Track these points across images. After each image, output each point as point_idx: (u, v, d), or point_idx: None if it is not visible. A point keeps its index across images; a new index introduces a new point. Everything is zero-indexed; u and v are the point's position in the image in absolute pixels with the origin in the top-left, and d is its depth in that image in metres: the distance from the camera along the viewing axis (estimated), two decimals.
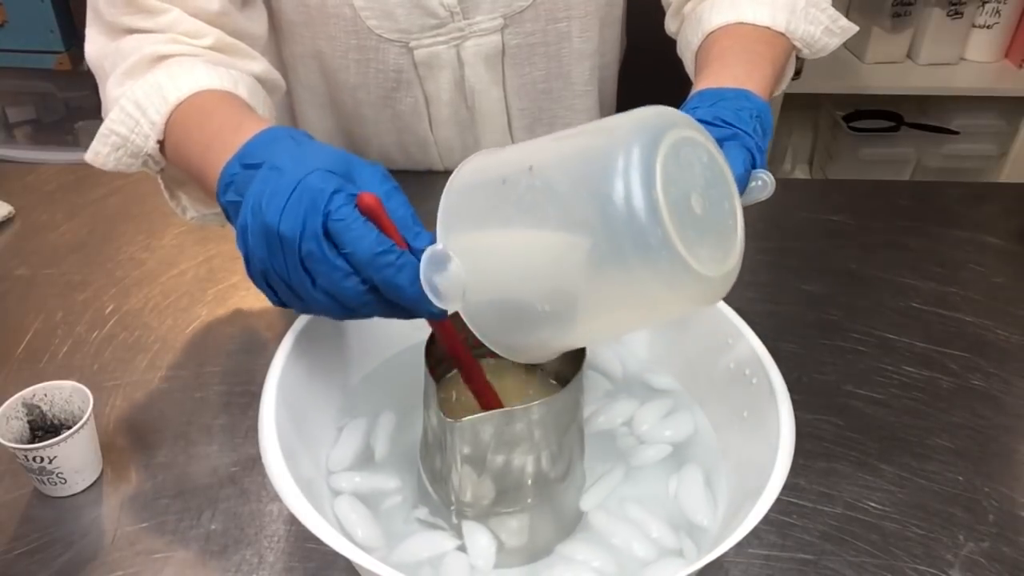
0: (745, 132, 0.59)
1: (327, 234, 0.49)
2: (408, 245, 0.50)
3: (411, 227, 0.50)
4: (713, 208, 0.46)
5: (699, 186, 0.45)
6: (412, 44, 0.89)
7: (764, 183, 0.58)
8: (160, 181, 0.73)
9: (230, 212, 0.55)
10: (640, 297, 0.45)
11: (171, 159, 0.67)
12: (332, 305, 0.51)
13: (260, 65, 0.76)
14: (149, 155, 0.67)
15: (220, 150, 0.56)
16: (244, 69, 0.73)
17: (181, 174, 0.72)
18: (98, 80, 0.74)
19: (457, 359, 0.55)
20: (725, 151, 0.55)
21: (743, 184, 0.57)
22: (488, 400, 0.56)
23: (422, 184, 0.53)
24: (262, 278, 0.52)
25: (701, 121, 0.57)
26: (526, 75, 0.94)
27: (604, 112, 1.06)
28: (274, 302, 0.53)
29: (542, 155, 0.47)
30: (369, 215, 0.49)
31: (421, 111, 0.95)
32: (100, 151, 0.68)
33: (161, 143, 0.66)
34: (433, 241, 0.50)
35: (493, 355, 0.64)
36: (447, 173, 1.06)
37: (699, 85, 0.66)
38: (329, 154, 0.52)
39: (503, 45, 0.91)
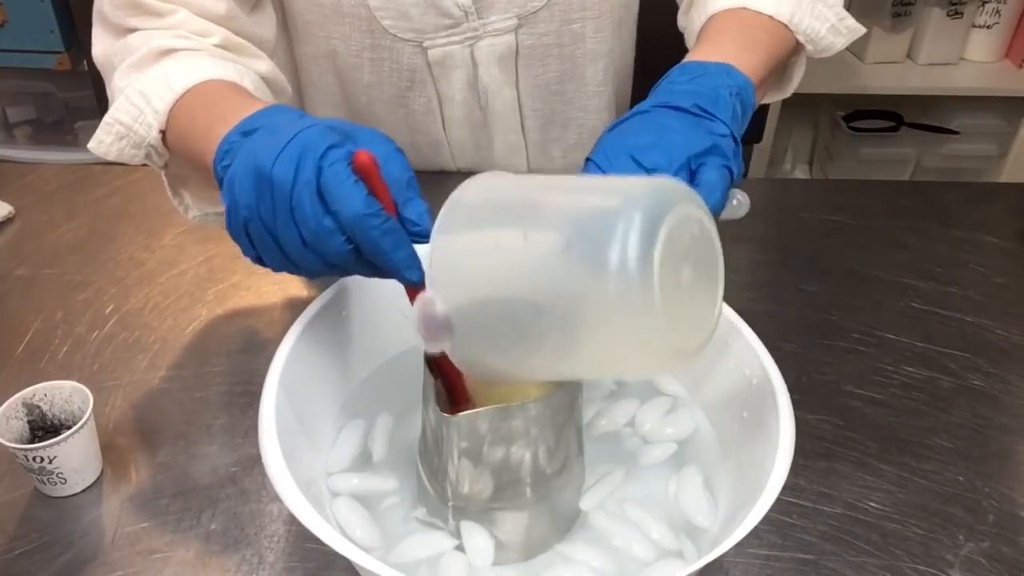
0: (722, 123, 0.58)
1: (318, 189, 0.48)
2: (397, 209, 0.50)
3: (404, 191, 0.50)
4: (698, 283, 0.46)
5: (690, 260, 0.45)
6: (426, 44, 0.89)
7: (739, 203, 0.58)
8: (164, 178, 0.73)
9: (225, 179, 0.53)
10: (612, 356, 0.46)
11: (173, 147, 0.66)
12: (313, 259, 0.50)
13: (266, 65, 0.76)
14: (152, 146, 0.67)
15: (222, 127, 0.56)
16: (250, 67, 0.73)
17: (185, 171, 0.71)
18: (104, 77, 0.74)
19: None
20: (703, 174, 0.55)
21: (721, 208, 0.56)
22: (456, 400, 0.56)
23: (433, 184, 0.53)
24: (243, 229, 0.51)
25: (677, 107, 0.57)
26: (539, 76, 0.94)
27: (619, 112, 1.06)
28: (251, 256, 0.53)
29: (538, 218, 0.47)
30: (362, 174, 0.49)
31: (434, 111, 0.95)
32: (103, 140, 0.68)
33: (164, 133, 0.66)
34: (425, 210, 0.51)
35: None
36: (459, 173, 1.06)
37: (687, 59, 0.66)
38: (333, 118, 0.52)
39: (517, 45, 0.91)
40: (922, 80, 2.01)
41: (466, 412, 0.52)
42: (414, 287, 0.52)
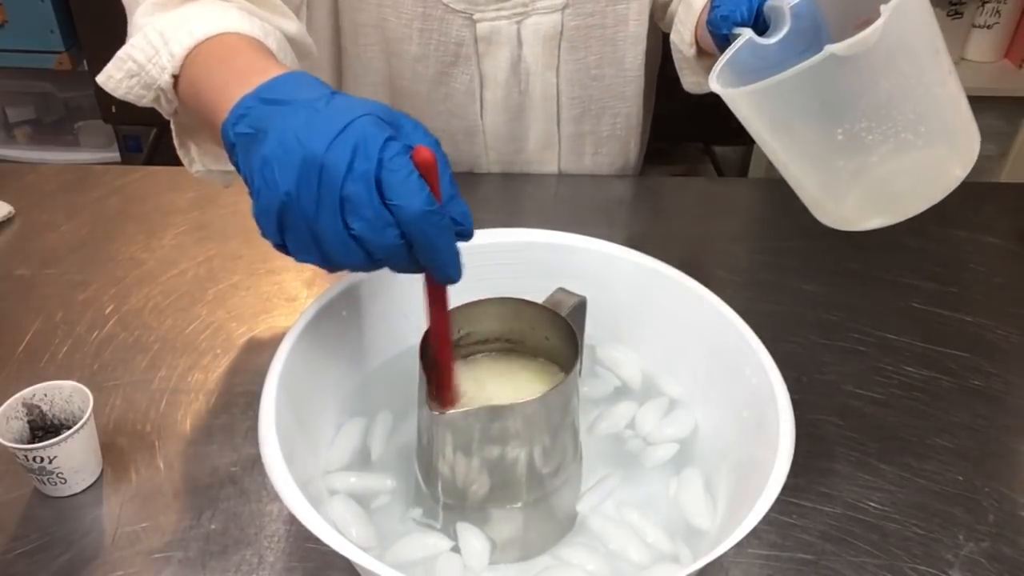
0: None
1: (376, 181, 0.47)
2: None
3: (448, 188, 0.49)
4: None
5: None
6: (476, 16, 0.91)
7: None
8: (172, 126, 0.72)
9: (238, 145, 0.51)
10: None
11: (184, 97, 0.64)
12: (355, 252, 0.48)
13: (294, 25, 0.74)
14: (162, 89, 0.64)
15: (238, 88, 0.53)
16: (277, 25, 0.71)
17: (193, 120, 0.70)
18: (128, 11, 0.72)
19: (435, 329, 0.54)
20: None
21: None
22: (444, 396, 0.55)
23: (464, 185, 0.52)
24: (277, 214, 0.48)
25: None
26: (581, 60, 0.97)
27: (647, 102, 1.08)
28: (275, 243, 0.50)
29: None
30: (422, 170, 0.47)
31: (474, 92, 0.97)
32: (113, 75, 0.66)
33: (176, 79, 0.64)
34: (467, 210, 0.50)
35: (496, 350, 0.64)
36: (490, 175, 1.08)
37: None
38: (372, 102, 0.50)
39: (562, 26, 0.94)
40: None
41: (456, 411, 0.53)
42: (448, 283, 0.51)
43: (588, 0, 0.93)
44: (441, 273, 0.50)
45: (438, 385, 0.56)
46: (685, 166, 1.84)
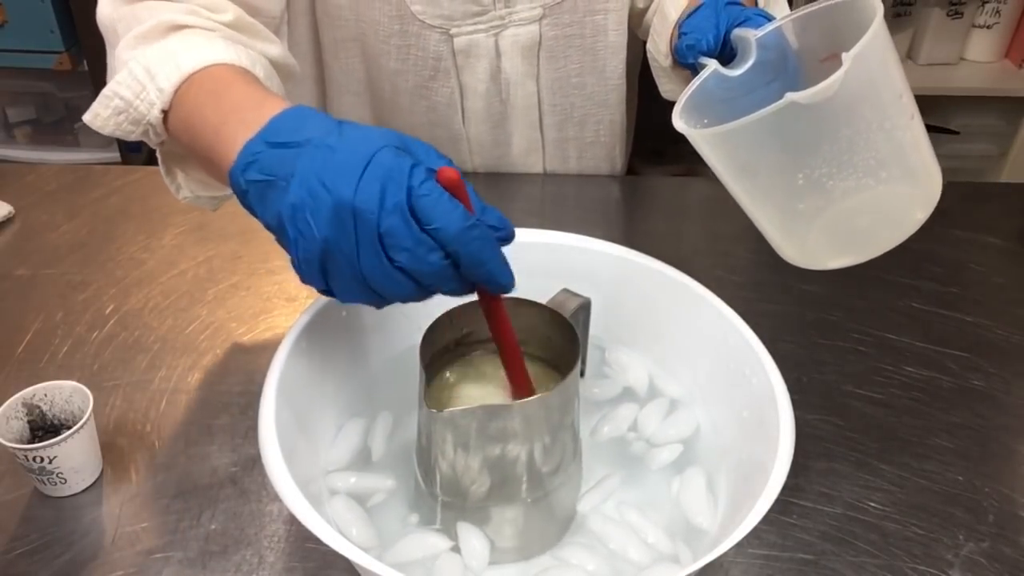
0: None
1: (410, 209, 0.47)
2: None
3: (477, 200, 0.49)
4: None
5: None
6: (453, 31, 0.91)
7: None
8: (158, 155, 0.71)
9: (251, 192, 0.51)
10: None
11: (176, 132, 0.63)
12: (403, 283, 0.48)
13: (277, 49, 0.74)
14: (151, 124, 0.64)
15: (237, 125, 0.53)
16: (261, 51, 0.71)
17: (181, 149, 0.69)
18: (107, 43, 0.71)
19: (501, 339, 0.55)
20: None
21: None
22: (521, 388, 0.57)
23: None
24: (319, 262, 0.48)
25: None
26: (561, 68, 0.96)
27: (630, 109, 1.08)
28: (321, 289, 0.50)
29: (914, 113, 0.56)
30: (450, 189, 0.47)
31: (456, 103, 0.97)
32: (100, 113, 0.65)
33: (166, 113, 0.63)
34: (502, 214, 0.50)
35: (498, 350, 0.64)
36: (476, 174, 1.08)
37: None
38: (381, 131, 0.50)
39: (540, 37, 0.93)
40: (922, 80, 2.01)
41: (455, 409, 0.53)
42: (500, 293, 0.51)
43: (565, 11, 0.92)
44: (494, 283, 0.50)
45: (512, 378, 0.57)
46: (684, 166, 1.84)
